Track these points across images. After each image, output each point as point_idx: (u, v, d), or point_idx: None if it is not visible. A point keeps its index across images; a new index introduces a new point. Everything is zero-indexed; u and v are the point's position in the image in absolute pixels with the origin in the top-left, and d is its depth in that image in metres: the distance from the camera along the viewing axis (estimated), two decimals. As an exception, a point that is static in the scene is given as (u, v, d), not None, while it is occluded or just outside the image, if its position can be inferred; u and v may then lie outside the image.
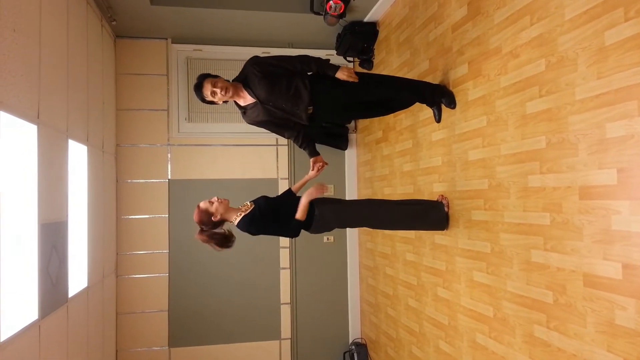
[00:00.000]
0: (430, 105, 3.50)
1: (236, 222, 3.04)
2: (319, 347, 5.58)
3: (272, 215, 3.04)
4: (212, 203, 3.01)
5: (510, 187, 2.74)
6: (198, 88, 3.03)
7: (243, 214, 3.02)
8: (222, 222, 3.03)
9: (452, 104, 3.31)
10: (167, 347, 5.23)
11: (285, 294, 5.53)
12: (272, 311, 5.50)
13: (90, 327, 4.06)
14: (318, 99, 3.14)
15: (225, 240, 3.05)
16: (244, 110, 3.20)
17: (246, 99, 3.14)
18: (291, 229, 3.07)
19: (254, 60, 3.10)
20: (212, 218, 2.99)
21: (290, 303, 5.54)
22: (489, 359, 2.97)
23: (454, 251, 3.36)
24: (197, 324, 5.31)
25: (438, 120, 3.50)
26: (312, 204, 3.12)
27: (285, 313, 5.52)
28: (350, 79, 3.06)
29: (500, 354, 2.85)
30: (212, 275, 5.35)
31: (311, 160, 3.33)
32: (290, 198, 3.25)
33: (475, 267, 3.10)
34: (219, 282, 5.37)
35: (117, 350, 5.10)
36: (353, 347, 5.44)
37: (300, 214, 3.02)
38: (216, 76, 3.06)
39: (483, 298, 3.02)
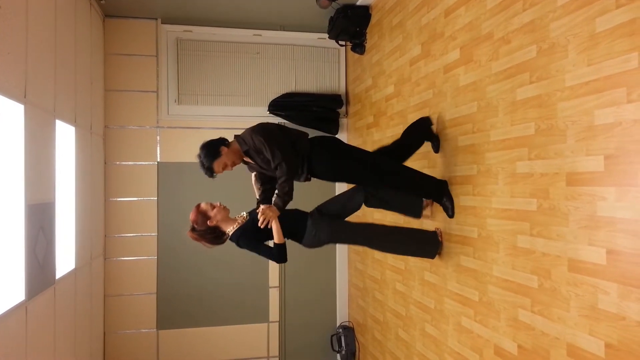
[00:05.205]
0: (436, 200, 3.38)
1: (230, 235, 3.00)
2: (306, 330, 5.63)
3: (263, 233, 2.95)
4: (214, 207, 2.97)
5: (498, 173, 2.75)
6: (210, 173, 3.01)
7: (237, 226, 2.98)
8: (215, 228, 2.98)
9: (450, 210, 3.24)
10: (155, 330, 5.25)
11: (273, 278, 5.55)
12: (261, 294, 5.53)
13: (78, 309, 4.06)
14: (316, 172, 3.17)
15: (217, 239, 3.02)
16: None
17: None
18: (274, 254, 2.96)
19: (255, 145, 3.00)
20: (208, 222, 2.95)
21: (279, 286, 5.57)
22: (474, 342, 3.01)
23: (442, 236, 3.38)
24: (186, 307, 5.32)
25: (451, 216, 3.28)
26: (305, 215, 3.10)
27: (274, 296, 5.55)
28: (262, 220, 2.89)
29: (485, 337, 2.89)
30: (200, 258, 5.34)
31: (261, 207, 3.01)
32: (290, 214, 3.14)
33: (462, 251, 3.13)
34: (207, 265, 5.37)
35: (105, 333, 5.11)
36: (340, 330, 5.50)
37: (277, 237, 2.92)
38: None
39: (469, 282, 3.06)
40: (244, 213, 3.09)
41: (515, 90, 2.60)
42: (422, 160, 3.69)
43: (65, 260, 3.78)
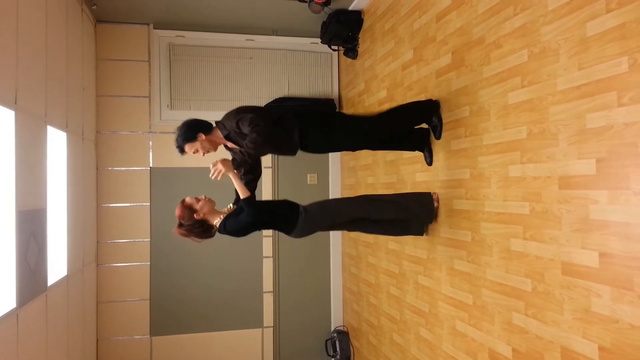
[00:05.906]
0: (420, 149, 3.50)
1: (217, 225, 2.96)
2: (301, 335, 5.61)
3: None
4: (199, 201, 2.93)
5: (491, 177, 2.76)
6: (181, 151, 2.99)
7: (224, 217, 2.95)
8: (202, 222, 2.94)
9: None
10: (148, 336, 5.21)
11: (267, 283, 5.54)
12: (255, 299, 5.51)
13: (71, 316, 4.02)
14: (308, 144, 3.14)
15: (205, 232, 2.98)
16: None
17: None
18: (246, 212, 2.88)
19: (235, 126, 2.97)
20: (195, 216, 2.91)
21: (273, 291, 5.55)
22: (469, 345, 3.01)
23: (436, 240, 3.39)
24: (179, 313, 5.29)
25: (429, 163, 3.45)
26: (295, 204, 3.08)
27: (268, 301, 5.53)
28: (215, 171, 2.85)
29: (480, 341, 2.89)
30: (194, 263, 5.33)
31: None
32: (279, 204, 3.16)
33: (456, 255, 3.13)
34: (201, 271, 5.35)
35: (97, 339, 5.06)
36: (335, 334, 5.49)
37: (241, 192, 2.85)
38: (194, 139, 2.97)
39: (463, 286, 3.06)
40: (231, 205, 3.08)
41: (507, 94, 2.62)
42: (414, 164, 3.70)
43: (57, 267, 3.74)
